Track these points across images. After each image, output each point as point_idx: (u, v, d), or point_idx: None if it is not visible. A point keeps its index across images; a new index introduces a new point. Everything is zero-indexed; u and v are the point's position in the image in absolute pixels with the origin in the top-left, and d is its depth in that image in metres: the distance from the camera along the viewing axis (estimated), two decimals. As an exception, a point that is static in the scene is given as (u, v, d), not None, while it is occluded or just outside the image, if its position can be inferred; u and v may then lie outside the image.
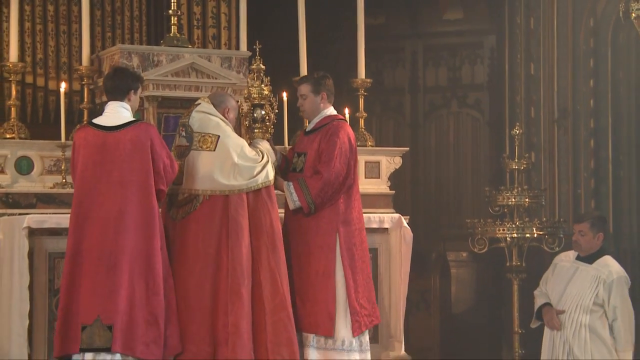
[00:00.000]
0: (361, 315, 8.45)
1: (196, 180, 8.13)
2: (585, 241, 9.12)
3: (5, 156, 8.90)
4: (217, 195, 8.13)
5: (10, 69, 9.20)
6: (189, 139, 8.19)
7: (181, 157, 8.14)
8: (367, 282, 8.58)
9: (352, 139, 8.54)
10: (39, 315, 8.26)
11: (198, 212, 8.13)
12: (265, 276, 8.19)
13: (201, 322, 8.06)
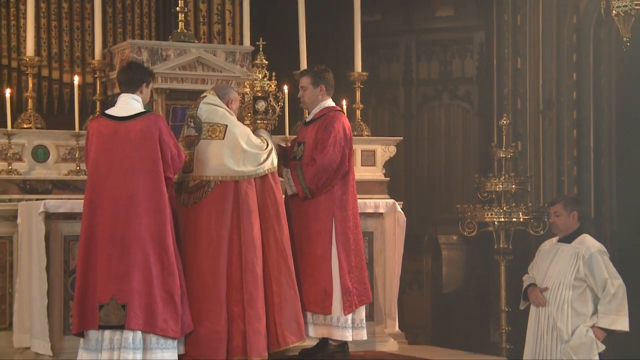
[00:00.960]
0: (352, 295, 8.51)
1: (207, 168, 8.17)
2: (561, 221, 9.18)
3: (23, 145, 8.90)
4: (227, 180, 8.17)
5: (27, 63, 9.20)
6: (198, 129, 8.23)
7: (190, 147, 8.19)
8: (360, 263, 8.62)
9: (348, 128, 8.56)
10: (56, 294, 8.30)
11: (210, 197, 8.17)
12: (272, 256, 8.25)
13: (216, 299, 8.09)
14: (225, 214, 8.16)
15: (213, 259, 8.16)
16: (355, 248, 8.58)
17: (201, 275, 8.12)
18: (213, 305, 8.10)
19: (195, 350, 8.05)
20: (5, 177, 8.77)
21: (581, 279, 8.96)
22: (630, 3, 9.66)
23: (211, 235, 8.16)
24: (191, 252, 8.15)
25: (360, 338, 8.64)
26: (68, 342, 8.23)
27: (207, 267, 8.15)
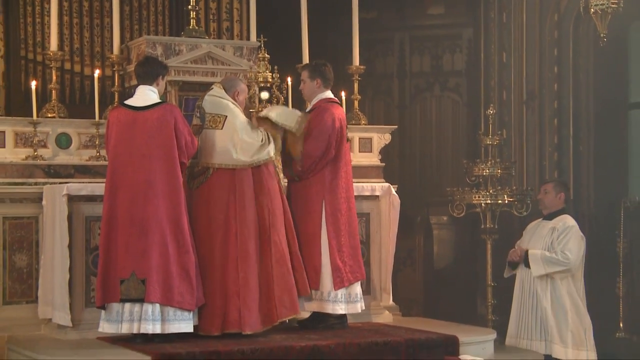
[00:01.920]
0: (344, 272, 8.57)
1: (208, 155, 8.24)
2: (548, 199, 9.22)
3: (47, 133, 8.91)
4: (224, 168, 8.22)
5: (51, 57, 9.21)
6: (202, 119, 8.32)
7: (196, 135, 8.23)
8: (354, 243, 8.69)
9: (338, 119, 8.60)
10: (78, 270, 8.33)
11: (209, 183, 8.25)
12: (266, 239, 8.29)
13: (213, 278, 8.16)
14: (221, 199, 8.22)
15: (210, 242, 8.22)
16: (348, 229, 8.64)
17: (201, 256, 8.16)
18: (211, 284, 8.16)
19: (207, 323, 8.11)
20: (31, 162, 8.78)
21: (553, 246, 9.03)
22: (607, 2, 9.66)
23: (210, 219, 8.23)
24: (197, 231, 8.19)
25: (355, 311, 8.72)
26: (89, 314, 8.27)
27: (205, 249, 8.20)
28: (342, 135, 8.63)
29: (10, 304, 8.66)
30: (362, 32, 10.10)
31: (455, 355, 8.17)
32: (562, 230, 9.08)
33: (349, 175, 8.77)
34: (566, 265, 8.95)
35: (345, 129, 8.75)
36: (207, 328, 8.11)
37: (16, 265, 8.69)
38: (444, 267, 12.25)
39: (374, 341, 8.08)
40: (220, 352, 7.57)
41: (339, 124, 8.60)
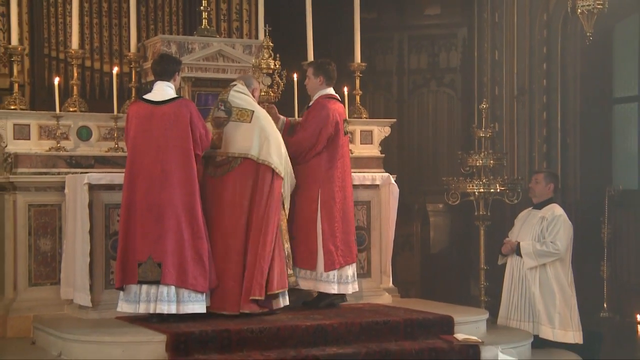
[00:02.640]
0: (335, 255, 8.67)
1: (235, 146, 8.28)
2: (539, 188, 9.28)
3: (69, 126, 8.91)
4: (249, 158, 8.26)
5: (73, 55, 9.21)
6: (228, 112, 8.34)
7: (219, 127, 8.30)
8: (347, 229, 8.73)
9: (334, 114, 8.66)
10: (98, 254, 8.34)
11: (235, 171, 8.28)
12: (272, 229, 8.34)
13: (236, 259, 8.20)
14: (247, 187, 8.27)
15: (235, 224, 8.26)
16: (342, 216, 8.71)
17: (225, 237, 8.22)
18: (234, 265, 8.19)
19: (218, 303, 8.15)
20: (54, 154, 8.79)
21: (542, 236, 9.07)
22: (593, 2, 9.68)
23: (235, 204, 8.26)
24: (217, 217, 8.23)
25: (346, 292, 8.80)
26: (108, 295, 8.29)
27: (230, 231, 8.24)
28: (337, 129, 8.67)
29: (36, 285, 8.67)
30: (363, 32, 10.10)
31: (450, 334, 8.18)
32: (551, 219, 9.12)
33: (346, 166, 8.81)
34: (556, 255, 9.01)
35: (343, 124, 8.78)
36: (227, 308, 8.14)
37: (41, 250, 8.70)
38: (439, 252, 12.28)
39: (374, 321, 8.10)
40: (230, 331, 7.59)
41: (334, 119, 8.65)
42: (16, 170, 8.71)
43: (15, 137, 8.80)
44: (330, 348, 7.68)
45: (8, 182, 8.71)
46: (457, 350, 7.92)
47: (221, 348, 7.47)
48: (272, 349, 7.56)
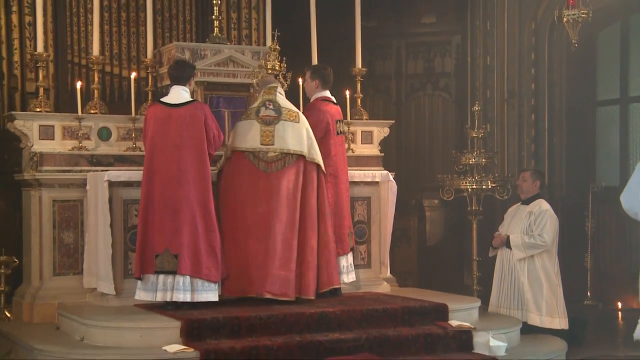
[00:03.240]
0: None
1: (288, 143, 8.28)
2: (526, 185, 9.30)
3: (90, 127, 8.91)
4: (301, 156, 8.31)
5: (94, 61, 9.20)
6: (277, 112, 8.35)
7: (270, 124, 8.30)
8: (340, 223, 8.71)
9: (324, 116, 8.67)
10: (117, 246, 8.36)
11: (290, 167, 8.30)
12: (330, 225, 8.46)
13: (291, 247, 8.23)
14: (299, 182, 8.30)
15: (292, 216, 8.26)
16: (334, 211, 8.65)
17: (282, 228, 8.20)
18: (290, 253, 8.21)
19: (277, 289, 8.12)
20: (77, 153, 8.79)
21: (530, 229, 9.08)
22: (578, 12, 9.72)
23: (289, 197, 8.26)
24: (275, 209, 8.21)
25: (343, 281, 8.81)
26: (127, 284, 8.31)
27: (288, 221, 8.24)
28: (328, 129, 8.66)
29: (59, 275, 8.69)
30: (364, 39, 10.10)
31: (445, 320, 8.19)
32: (538, 214, 9.13)
33: (339, 164, 8.77)
34: (543, 247, 9.02)
35: (335, 124, 8.77)
36: (284, 294, 8.13)
37: (64, 242, 8.72)
38: (435, 244, 12.28)
39: (374, 308, 8.12)
40: (240, 318, 7.61)
41: (324, 119, 8.64)
42: (41, 168, 8.72)
43: (41, 138, 8.80)
44: (333, 334, 7.69)
45: (34, 179, 8.73)
46: (451, 336, 7.93)
47: (231, 334, 7.49)
48: (278, 334, 7.58)
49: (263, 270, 8.13)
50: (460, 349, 7.86)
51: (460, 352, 7.82)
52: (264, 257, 8.15)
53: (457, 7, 12.43)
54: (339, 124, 8.83)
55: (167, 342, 7.31)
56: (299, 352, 7.36)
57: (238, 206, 8.26)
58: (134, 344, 7.35)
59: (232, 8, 11.46)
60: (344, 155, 8.92)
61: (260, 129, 8.30)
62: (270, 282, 8.12)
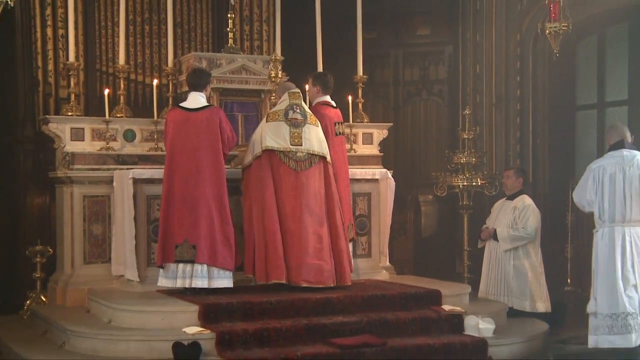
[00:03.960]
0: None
1: (313, 144, 8.26)
2: (510, 183, 9.32)
3: (117, 129, 8.95)
4: (322, 157, 8.32)
5: (120, 70, 9.22)
6: (303, 115, 8.34)
7: (297, 127, 8.26)
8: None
9: (322, 119, 8.59)
10: (141, 237, 8.40)
11: (316, 166, 8.29)
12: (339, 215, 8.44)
13: (321, 239, 8.21)
14: (322, 179, 8.30)
15: (320, 209, 8.25)
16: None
17: (312, 221, 8.18)
18: (321, 244, 8.19)
19: (312, 277, 8.09)
20: (104, 153, 8.84)
21: (515, 223, 9.10)
22: (559, 25, 9.69)
23: (316, 193, 8.25)
24: (304, 204, 8.18)
25: None
26: (150, 272, 8.35)
27: (318, 215, 8.23)
28: (327, 131, 8.60)
29: (89, 263, 8.72)
30: (365, 49, 10.10)
31: (439, 305, 8.19)
32: (522, 208, 9.15)
33: (338, 162, 8.71)
34: (527, 239, 9.04)
35: (334, 126, 8.74)
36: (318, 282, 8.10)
37: (93, 233, 8.75)
38: (429, 236, 12.27)
39: (374, 294, 8.13)
40: (252, 303, 7.63)
41: (323, 122, 8.59)
42: (73, 167, 8.75)
43: (72, 139, 8.84)
44: (337, 317, 7.71)
45: (66, 176, 8.77)
46: (444, 319, 7.95)
47: (244, 317, 7.52)
48: (287, 317, 7.60)
49: (298, 261, 8.08)
50: (452, 331, 7.87)
51: (452, 333, 7.82)
52: (297, 248, 8.11)
53: (449, 21, 12.43)
54: (337, 125, 8.79)
55: (186, 324, 7.34)
56: (305, 333, 7.38)
57: (271, 199, 8.16)
58: (157, 325, 7.38)
59: (245, 21, 11.48)
60: (343, 155, 8.88)
61: (289, 131, 8.25)
62: (305, 271, 8.07)
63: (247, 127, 9.08)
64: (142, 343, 7.17)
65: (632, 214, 7.60)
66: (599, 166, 7.79)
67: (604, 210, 7.70)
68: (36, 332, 8.23)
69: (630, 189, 7.59)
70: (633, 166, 7.65)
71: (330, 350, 7.14)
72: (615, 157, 7.74)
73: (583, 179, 7.92)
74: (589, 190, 7.79)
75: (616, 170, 7.67)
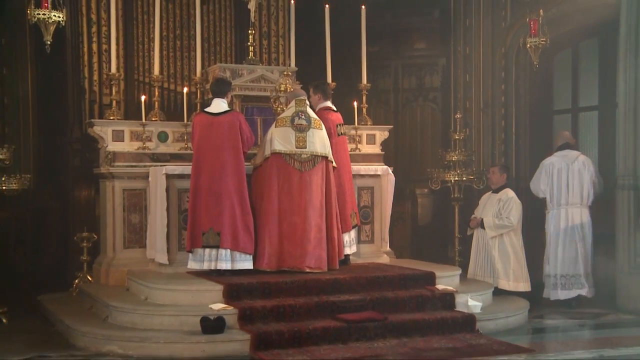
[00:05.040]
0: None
1: (316, 147, 8.23)
2: (495, 178, 9.30)
3: (152, 131, 8.97)
4: (324, 157, 8.29)
5: (155, 79, 9.25)
6: (308, 121, 8.31)
7: (302, 132, 8.23)
8: (342, 207, 8.59)
9: (329, 120, 8.56)
10: (172, 226, 8.43)
11: (318, 166, 8.27)
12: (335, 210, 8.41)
13: (321, 229, 8.19)
14: (323, 177, 8.27)
15: (320, 204, 8.22)
16: (339, 196, 8.54)
17: (314, 215, 8.15)
18: (321, 235, 8.17)
19: (313, 264, 8.09)
20: (141, 152, 8.86)
21: (500, 214, 9.06)
22: (538, 40, 9.69)
23: (318, 190, 8.23)
24: (309, 199, 8.16)
25: (347, 253, 8.75)
26: (180, 256, 8.38)
27: (319, 209, 8.20)
28: (330, 133, 8.56)
29: (128, 248, 8.75)
30: (369, 61, 10.08)
31: (433, 285, 8.19)
32: (505, 200, 9.11)
33: (342, 160, 8.66)
34: (510, 227, 9.01)
35: (336, 127, 8.69)
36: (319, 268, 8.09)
37: (132, 222, 8.77)
38: (425, 224, 12.23)
39: (376, 275, 8.13)
40: (270, 282, 7.64)
41: (326, 125, 8.54)
42: (114, 164, 8.78)
43: (114, 140, 8.87)
44: (344, 295, 7.72)
45: (108, 172, 8.79)
46: (437, 297, 7.94)
47: (263, 295, 7.53)
48: (300, 296, 7.61)
49: (301, 249, 8.09)
50: (444, 307, 7.87)
51: (445, 310, 7.82)
52: (301, 238, 8.11)
53: (442, 36, 12.37)
54: (339, 127, 8.78)
55: (212, 301, 7.36)
56: (316, 309, 7.39)
57: (275, 197, 8.16)
58: (186, 302, 7.41)
59: (264, 37, 11.45)
60: (346, 152, 8.85)
61: (295, 135, 8.23)
62: (308, 259, 8.09)
63: (265, 129, 9.06)
64: (174, 317, 7.19)
65: (573, 198, 9.09)
66: (549, 162, 9.28)
67: (553, 196, 9.21)
68: (83, 307, 8.27)
69: (572, 180, 9.09)
70: (574, 162, 9.12)
71: (337, 325, 7.14)
72: (562, 156, 9.22)
73: (537, 173, 9.35)
74: (541, 181, 9.27)
75: (562, 166, 9.19)
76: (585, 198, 9.09)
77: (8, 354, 6.86)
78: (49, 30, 7.88)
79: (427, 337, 7.25)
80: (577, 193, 9.06)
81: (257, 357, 6.67)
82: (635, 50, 8.73)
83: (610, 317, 8.51)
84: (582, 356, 6.67)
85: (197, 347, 6.80)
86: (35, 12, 7.86)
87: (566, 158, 9.17)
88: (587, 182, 9.08)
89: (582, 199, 9.10)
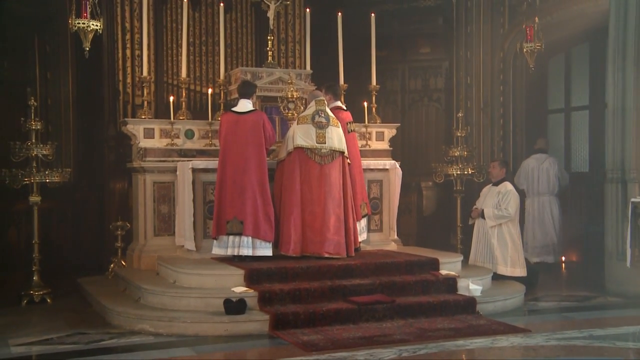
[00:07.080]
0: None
1: (334, 143, 8.21)
2: (495, 172, 9.24)
3: (179, 129, 8.95)
4: (341, 153, 8.25)
5: (182, 81, 9.24)
6: (327, 119, 8.29)
7: (322, 128, 8.20)
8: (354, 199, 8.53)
9: (339, 119, 8.50)
10: (199, 215, 8.43)
11: (336, 161, 8.24)
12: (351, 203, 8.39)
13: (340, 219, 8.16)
14: (340, 172, 8.25)
15: (339, 194, 8.21)
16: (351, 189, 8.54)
17: (333, 205, 8.13)
18: (339, 223, 8.15)
19: (332, 250, 8.07)
20: (170, 148, 8.86)
21: (499, 205, 9.01)
22: (534, 45, 9.64)
23: (337, 183, 8.21)
24: (329, 192, 8.14)
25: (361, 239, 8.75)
26: (205, 243, 8.37)
27: (338, 200, 8.18)
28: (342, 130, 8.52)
29: (158, 236, 8.76)
30: (378, 64, 10.05)
31: (437, 270, 8.17)
32: (504, 193, 9.06)
33: (352, 154, 8.58)
34: (508, 218, 8.96)
35: (346, 125, 8.64)
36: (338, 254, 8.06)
37: (161, 212, 8.77)
38: (429, 215, 12.20)
39: (385, 261, 8.12)
40: (287, 268, 7.65)
41: (341, 122, 8.50)
42: (145, 159, 8.78)
43: (145, 137, 8.87)
44: (355, 280, 7.71)
45: (140, 167, 8.80)
46: (441, 281, 7.93)
47: (281, 279, 7.53)
48: (315, 280, 7.62)
49: (321, 236, 8.08)
50: (447, 291, 7.85)
51: (447, 293, 7.81)
52: (321, 226, 8.09)
53: (445, 42, 12.33)
54: (349, 124, 8.75)
55: (235, 285, 7.38)
56: (329, 292, 7.39)
57: (298, 188, 8.13)
58: (211, 285, 7.43)
59: (282, 42, 11.44)
60: (356, 147, 8.81)
61: (315, 132, 8.21)
62: (327, 245, 8.08)
63: (282, 127, 9.05)
64: (199, 299, 7.20)
65: (542, 189, 10.73)
66: (527, 163, 10.89)
67: (531, 188, 10.79)
68: (118, 289, 8.30)
69: (542, 176, 10.74)
70: (544, 162, 10.78)
71: (349, 306, 7.14)
72: (536, 158, 10.85)
73: (519, 170, 10.93)
74: (521, 176, 10.86)
75: (535, 165, 10.81)
76: (552, 188, 10.77)
77: (52, 331, 6.98)
78: (88, 38, 7.91)
79: (431, 318, 7.24)
80: (545, 185, 10.75)
81: (275, 336, 6.68)
82: (623, 54, 8.68)
83: (599, 300, 8.48)
84: (573, 335, 6.64)
85: (221, 326, 6.82)
86: (75, 21, 7.88)
87: (539, 159, 10.83)
88: (553, 177, 10.75)
89: (549, 189, 10.76)
